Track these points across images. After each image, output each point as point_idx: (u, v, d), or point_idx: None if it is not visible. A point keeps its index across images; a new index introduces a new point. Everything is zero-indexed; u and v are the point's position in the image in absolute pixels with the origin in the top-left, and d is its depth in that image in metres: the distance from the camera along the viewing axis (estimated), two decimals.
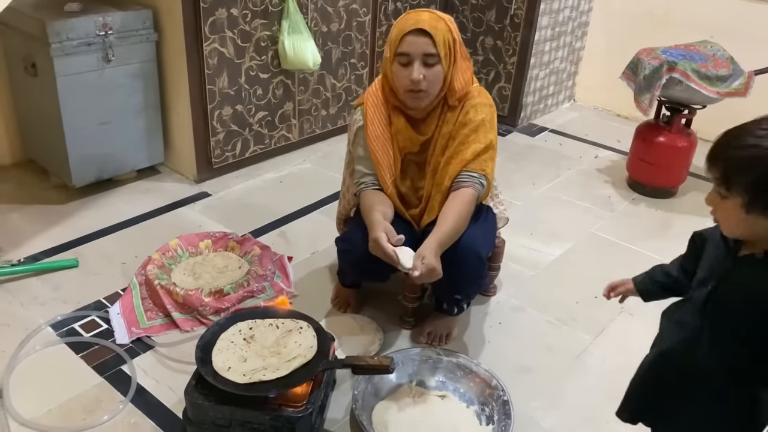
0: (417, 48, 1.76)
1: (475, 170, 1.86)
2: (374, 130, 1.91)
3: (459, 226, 1.80)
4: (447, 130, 1.89)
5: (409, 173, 1.96)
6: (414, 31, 1.76)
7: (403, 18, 1.83)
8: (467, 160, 1.86)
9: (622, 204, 3.00)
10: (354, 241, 1.88)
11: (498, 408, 1.78)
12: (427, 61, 1.77)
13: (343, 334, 2.06)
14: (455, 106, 1.88)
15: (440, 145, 1.90)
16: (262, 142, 3.08)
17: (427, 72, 1.78)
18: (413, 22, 1.77)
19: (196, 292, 2.10)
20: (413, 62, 1.77)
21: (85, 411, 1.75)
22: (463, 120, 1.87)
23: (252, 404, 1.60)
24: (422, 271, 1.65)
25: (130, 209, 2.68)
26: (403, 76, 1.79)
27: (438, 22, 1.78)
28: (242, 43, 2.79)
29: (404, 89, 1.82)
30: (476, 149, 1.86)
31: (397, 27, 1.81)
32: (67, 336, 2.00)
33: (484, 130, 1.88)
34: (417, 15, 1.79)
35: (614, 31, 3.84)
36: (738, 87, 2.73)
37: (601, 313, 2.27)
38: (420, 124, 1.91)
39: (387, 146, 1.92)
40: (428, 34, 1.75)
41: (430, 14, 1.80)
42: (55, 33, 2.38)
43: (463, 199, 1.84)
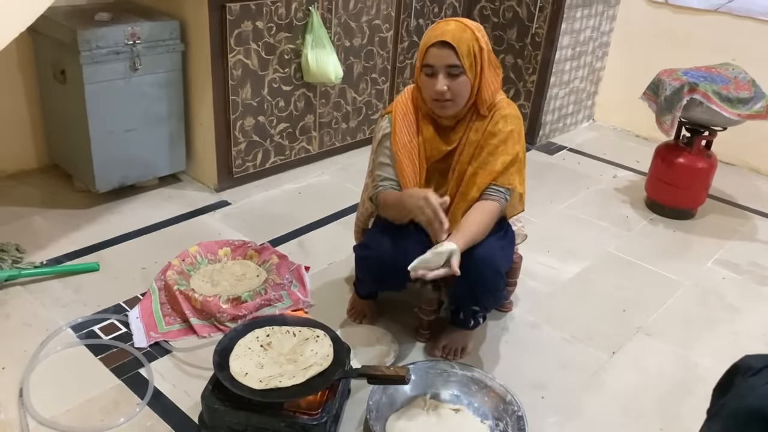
0: (440, 60, 1.79)
1: (503, 184, 1.89)
2: (402, 138, 1.93)
3: (479, 235, 1.82)
4: (475, 138, 1.90)
5: (431, 181, 1.98)
6: (437, 43, 1.78)
7: (431, 29, 1.85)
8: (497, 171, 1.87)
9: (640, 224, 2.99)
10: (373, 248, 1.90)
11: (512, 423, 1.78)
12: (451, 72, 1.79)
13: (359, 345, 2.07)
14: (485, 115, 1.90)
15: (467, 152, 1.91)
16: (283, 153, 3.11)
17: (451, 83, 1.80)
18: (438, 33, 1.80)
19: (214, 298, 2.12)
20: (438, 73, 1.80)
21: (102, 413, 1.77)
22: (493, 130, 1.89)
23: (267, 411, 1.61)
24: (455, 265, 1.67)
25: (151, 215, 2.72)
26: (429, 87, 1.83)
27: (463, 32, 1.79)
28: (266, 56, 2.83)
29: (430, 99, 1.85)
30: (505, 161, 1.88)
31: (425, 38, 1.84)
32: (86, 338, 2.02)
33: (512, 141, 1.89)
34: (444, 26, 1.81)
35: (635, 52, 3.85)
36: (759, 110, 2.72)
37: (617, 332, 2.26)
38: (448, 133, 1.93)
39: (413, 156, 1.94)
40: (451, 46, 1.77)
41: (456, 24, 1.81)
42: (85, 41, 2.43)
43: (488, 210, 1.86)
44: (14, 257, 2.33)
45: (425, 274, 1.66)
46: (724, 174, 3.53)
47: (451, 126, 1.92)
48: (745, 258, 2.77)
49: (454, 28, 1.80)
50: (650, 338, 2.25)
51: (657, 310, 2.39)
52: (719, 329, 2.32)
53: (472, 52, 1.79)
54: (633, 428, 1.87)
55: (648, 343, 2.23)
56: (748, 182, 3.51)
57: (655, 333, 2.27)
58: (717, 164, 3.00)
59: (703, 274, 2.64)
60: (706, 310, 2.42)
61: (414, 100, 1.95)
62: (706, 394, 2.02)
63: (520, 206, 2.05)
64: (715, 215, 3.11)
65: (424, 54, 1.81)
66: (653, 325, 2.32)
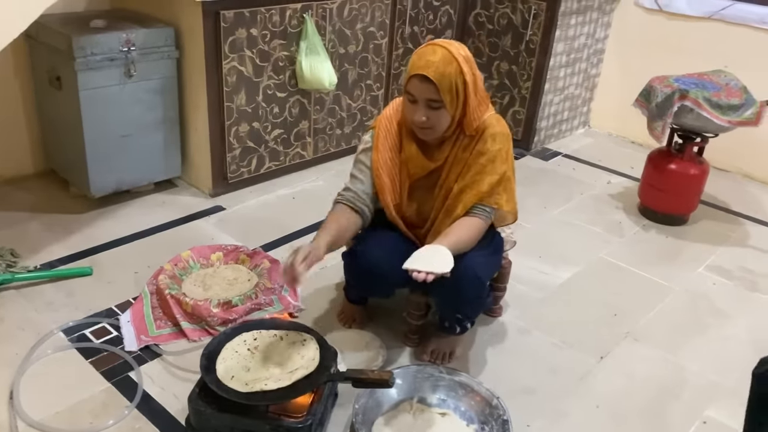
0: (421, 93, 1.78)
1: (489, 204, 1.90)
2: (383, 155, 1.94)
3: (463, 245, 1.83)
4: (463, 156, 1.91)
5: (416, 197, 1.99)
6: (420, 75, 1.76)
7: (417, 54, 1.81)
8: (483, 192, 1.89)
9: (633, 230, 3.01)
10: (360, 255, 1.92)
11: (498, 427, 1.79)
12: (431, 105, 1.79)
13: (347, 349, 2.08)
14: (472, 135, 1.90)
15: (455, 170, 1.92)
16: (278, 159, 3.13)
17: (430, 113, 1.80)
18: (422, 65, 1.75)
19: (204, 302, 2.14)
20: (418, 103, 1.80)
21: (91, 415, 1.79)
22: (481, 149, 1.89)
23: (253, 414, 1.63)
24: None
25: (145, 220, 2.74)
26: (410, 112, 1.83)
27: (448, 66, 1.75)
28: (261, 63, 2.86)
29: (411, 123, 1.86)
30: (492, 181, 1.89)
31: (410, 64, 1.80)
32: (77, 341, 2.05)
33: (500, 161, 1.90)
34: (430, 54, 1.76)
35: (630, 59, 3.86)
36: (750, 116, 2.73)
37: (606, 337, 2.27)
38: (434, 150, 1.93)
39: (394, 173, 1.95)
40: (433, 82, 1.75)
41: (443, 54, 1.76)
42: (80, 48, 2.46)
43: (473, 225, 1.88)
44: (8, 261, 2.35)
45: (425, 276, 1.66)
46: (718, 180, 3.54)
47: (437, 144, 1.92)
48: (737, 264, 2.78)
49: (440, 60, 1.75)
50: (638, 343, 2.26)
51: (646, 315, 2.41)
52: (708, 334, 2.33)
53: (454, 88, 1.77)
54: None
55: (636, 348, 2.24)
56: (741, 188, 3.52)
57: (643, 338, 2.28)
58: (709, 170, 3.01)
59: (694, 280, 2.65)
60: (695, 316, 2.43)
61: (401, 114, 1.95)
62: (693, 399, 2.05)
63: (511, 218, 2.06)
64: (707, 221, 3.12)
65: (407, 82, 1.80)
66: (642, 330, 2.33)
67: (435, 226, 1.96)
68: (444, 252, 1.71)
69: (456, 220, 1.90)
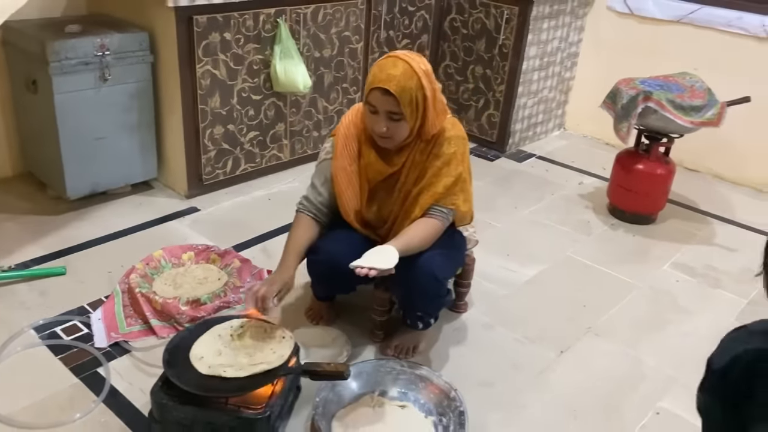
0: (382, 105, 1.83)
1: (445, 205, 1.96)
2: (341, 162, 2.00)
3: (418, 243, 1.89)
4: (420, 160, 1.97)
5: (376, 200, 2.04)
6: (381, 89, 1.81)
7: (379, 66, 1.85)
8: (439, 193, 1.95)
9: (601, 229, 3.07)
10: (321, 252, 1.97)
11: (455, 418, 1.84)
12: (392, 117, 1.84)
13: (313, 346, 2.13)
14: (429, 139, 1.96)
15: (412, 174, 1.98)
16: (254, 160, 3.19)
17: (390, 124, 1.86)
18: (384, 78, 1.80)
19: (174, 300, 2.19)
20: (379, 113, 1.85)
21: (58, 409, 1.84)
22: (437, 152, 1.95)
23: (213, 405, 1.68)
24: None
25: (121, 222, 2.79)
26: (371, 122, 1.89)
27: (409, 81, 1.80)
28: (235, 66, 2.92)
29: (371, 131, 1.92)
30: (447, 183, 1.95)
31: (371, 76, 1.84)
32: (48, 339, 2.09)
33: (455, 163, 1.96)
34: (391, 67, 1.81)
35: (603, 62, 3.93)
36: (711, 117, 2.80)
37: (568, 332, 2.33)
38: (392, 155, 1.98)
39: (353, 179, 2.01)
40: (394, 95, 1.80)
41: (404, 68, 1.80)
42: (54, 52, 2.51)
43: (429, 225, 1.94)
44: None
45: (366, 272, 1.72)
46: (688, 180, 3.61)
47: (395, 149, 1.97)
48: (701, 261, 2.85)
49: (401, 74, 1.80)
50: (599, 338, 2.32)
51: (608, 311, 2.46)
52: (668, 330, 2.39)
53: (414, 102, 1.83)
54: (573, 424, 1.94)
55: (596, 342, 2.29)
56: (710, 188, 3.59)
57: (604, 333, 2.34)
58: (675, 170, 3.08)
59: (658, 277, 2.71)
60: (656, 312, 2.49)
61: (361, 120, 2.00)
62: (648, 392, 2.10)
63: (468, 218, 2.11)
64: (675, 220, 3.19)
65: (369, 93, 1.85)
66: (603, 325, 2.39)
67: (395, 228, 2.02)
68: (390, 250, 1.77)
69: (413, 221, 1.95)
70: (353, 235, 2.03)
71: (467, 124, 3.89)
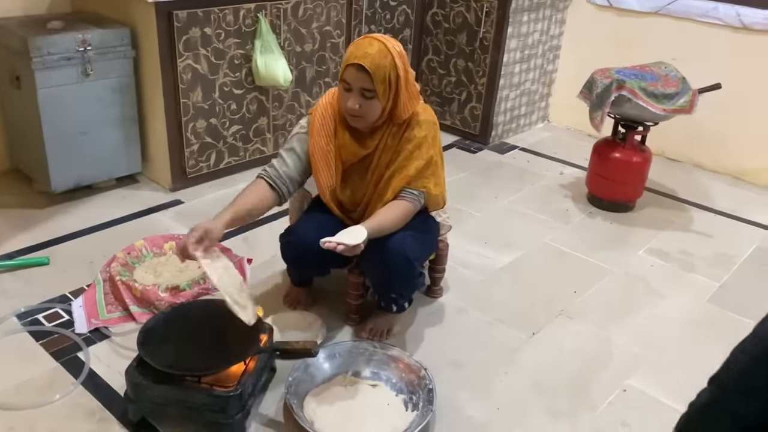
0: (356, 81, 1.88)
1: (416, 188, 2.01)
2: (319, 141, 2.04)
3: (389, 225, 1.93)
4: (392, 143, 2.02)
5: (349, 182, 2.09)
6: (356, 65, 1.86)
7: (355, 44, 1.92)
8: (410, 176, 1.99)
9: (579, 217, 3.12)
10: (293, 234, 2.03)
11: (424, 396, 1.89)
12: (365, 94, 1.89)
13: (289, 329, 2.18)
14: (401, 123, 2.01)
15: (384, 157, 2.03)
16: (237, 154, 3.24)
17: (363, 102, 1.90)
18: (360, 54, 1.85)
19: (153, 287, 2.24)
20: (352, 90, 1.90)
21: (37, 391, 1.89)
22: (408, 136, 2.01)
23: (186, 384, 1.73)
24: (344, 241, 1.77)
25: (105, 214, 2.84)
26: (344, 100, 1.93)
27: (383, 59, 1.85)
28: (216, 60, 2.97)
29: (344, 110, 1.96)
30: (418, 165, 2.00)
31: (347, 54, 1.90)
32: (30, 326, 2.14)
33: (426, 146, 2.01)
34: (367, 46, 1.86)
35: (584, 54, 3.98)
36: (683, 104, 2.85)
37: (540, 315, 2.37)
38: (365, 138, 2.03)
39: (329, 159, 2.05)
40: (368, 71, 1.85)
41: (380, 47, 1.86)
42: (36, 48, 2.56)
43: (401, 207, 1.98)
44: None
45: (334, 246, 1.77)
46: (669, 170, 3.66)
47: (369, 132, 2.02)
48: (676, 247, 2.89)
49: (376, 52, 1.85)
50: (571, 320, 2.36)
51: (582, 295, 2.51)
52: (640, 312, 2.44)
53: (387, 80, 1.88)
54: (540, 401, 1.98)
55: (568, 324, 2.34)
56: (689, 177, 3.63)
57: (576, 315, 2.39)
58: (651, 158, 3.12)
59: (633, 262, 2.76)
60: (629, 295, 2.54)
61: (336, 102, 2.05)
62: (617, 369, 2.16)
63: (441, 203, 2.16)
64: (653, 208, 3.24)
65: (343, 70, 1.90)
66: (576, 308, 2.43)
67: (368, 212, 2.07)
68: (359, 230, 1.82)
69: (386, 204, 2.00)
70: (327, 218, 2.08)
71: (450, 117, 3.95)
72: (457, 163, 3.60)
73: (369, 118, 1.95)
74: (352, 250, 1.77)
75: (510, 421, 1.90)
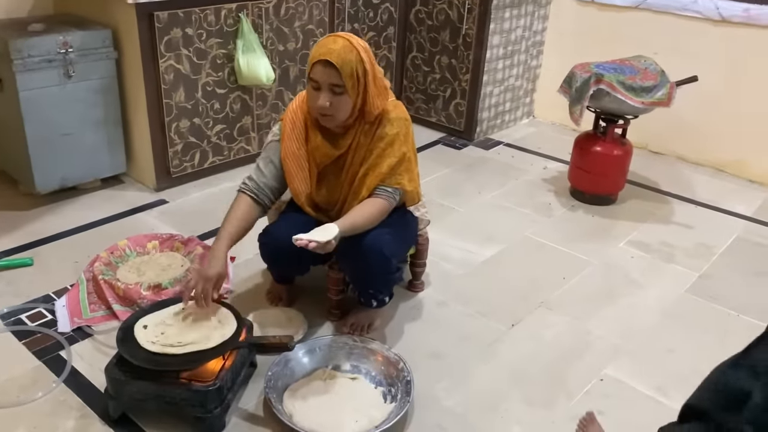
0: (324, 78, 1.89)
1: (390, 185, 2.03)
2: (290, 146, 2.06)
3: (364, 222, 1.95)
4: (365, 142, 2.03)
5: (324, 183, 2.11)
6: (323, 61, 1.88)
7: (320, 43, 1.93)
8: (384, 174, 2.01)
9: (561, 210, 3.14)
10: (269, 234, 2.05)
11: (402, 388, 1.91)
12: (334, 90, 1.90)
13: (270, 326, 2.20)
14: (372, 121, 2.03)
15: (358, 156, 2.04)
16: (221, 153, 3.26)
17: (333, 99, 1.91)
18: (324, 51, 1.87)
19: (135, 286, 2.26)
20: (321, 89, 1.91)
21: (20, 389, 1.91)
22: (380, 134, 2.02)
23: (165, 380, 1.75)
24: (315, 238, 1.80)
25: (89, 215, 2.86)
26: (314, 99, 1.94)
27: (349, 54, 1.87)
28: (198, 60, 2.99)
29: (314, 110, 1.98)
30: (391, 163, 2.02)
31: (313, 52, 1.92)
32: (13, 325, 2.16)
33: (398, 143, 2.03)
34: (332, 43, 1.88)
35: (568, 50, 4.00)
36: (661, 97, 2.88)
37: (520, 307, 2.40)
38: (338, 138, 2.04)
39: (302, 162, 2.07)
40: (335, 67, 1.87)
41: (344, 43, 1.88)
42: (17, 50, 2.58)
43: (376, 204, 2.00)
44: None
45: (306, 243, 1.79)
46: (652, 163, 3.69)
47: (341, 132, 2.04)
48: (657, 238, 2.92)
49: (341, 48, 1.87)
50: (550, 312, 2.39)
51: (562, 287, 2.54)
52: (619, 303, 2.47)
53: (355, 74, 1.89)
54: (517, 390, 2.01)
55: (547, 316, 2.37)
56: (672, 169, 3.66)
57: (555, 307, 2.42)
58: (632, 151, 3.15)
59: (613, 254, 2.79)
60: (609, 286, 2.57)
61: (306, 106, 2.06)
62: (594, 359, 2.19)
63: (416, 198, 2.18)
64: (635, 200, 3.27)
65: (311, 68, 1.92)
66: (555, 300, 2.46)
67: (344, 210, 2.09)
68: (331, 227, 1.84)
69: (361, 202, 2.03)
70: (303, 218, 2.10)
71: (435, 114, 3.97)
72: (442, 160, 3.62)
73: (340, 116, 1.96)
74: (323, 247, 1.79)
75: (486, 410, 1.93)
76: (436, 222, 2.54)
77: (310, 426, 1.77)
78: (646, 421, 1.86)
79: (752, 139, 3.51)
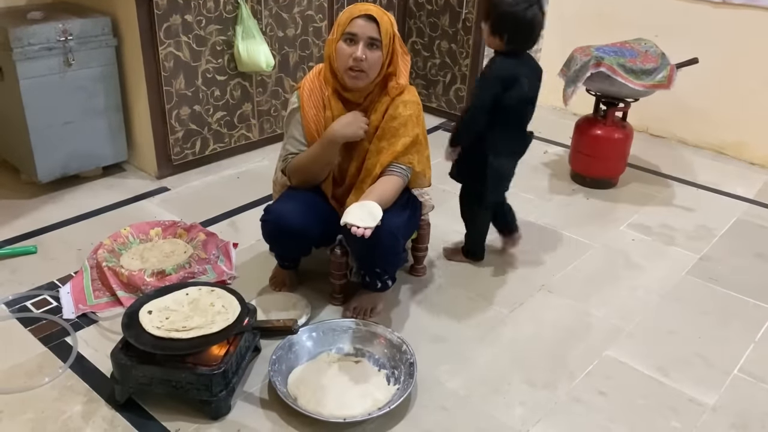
0: (364, 31, 1.95)
1: (403, 163, 2.06)
2: (310, 112, 2.10)
3: (389, 200, 1.99)
4: (376, 119, 2.07)
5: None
6: (363, 16, 1.96)
7: (352, 6, 2.02)
8: (398, 152, 2.04)
9: (562, 194, 3.15)
10: (272, 212, 2.06)
11: (405, 370, 1.93)
12: (371, 44, 1.96)
13: (274, 310, 2.22)
14: (392, 96, 2.06)
15: (369, 132, 2.07)
16: (222, 140, 3.26)
17: (369, 54, 1.96)
18: (363, 9, 1.98)
19: (139, 272, 2.27)
20: (359, 42, 1.96)
21: (27, 375, 1.92)
22: (393, 113, 2.06)
23: (170, 364, 1.77)
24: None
25: (91, 203, 2.87)
26: (347, 54, 1.97)
27: (383, 15, 1.99)
28: (198, 47, 2.98)
29: (345, 67, 1.99)
30: (405, 142, 2.05)
31: (348, 12, 2.00)
32: (18, 312, 2.17)
33: (412, 125, 2.06)
34: (367, 5, 2.00)
35: (569, 34, 3.98)
36: (661, 80, 2.88)
37: (521, 290, 2.41)
38: (356, 110, 2.07)
39: (320, 127, 2.10)
40: (375, 21, 1.95)
41: (377, 7, 2.01)
42: (16, 39, 2.58)
43: (391, 183, 2.03)
44: None
45: (363, 232, 1.82)
46: (653, 146, 3.69)
47: (359, 103, 2.07)
48: (658, 221, 2.93)
49: (376, 8, 1.99)
50: (551, 294, 2.40)
51: (563, 270, 2.55)
52: (619, 285, 2.48)
53: (389, 33, 1.98)
54: (519, 372, 2.03)
55: (548, 298, 2.38)
56: (673, 152, 3.67)
57: (556, 290, 2.43)
58: (633, 134, 3.15)
59: (614, 237, 2.80)
60: (610, 269, 2.58)
61: (323, 78, 2.10)
62: (595, 341, 2.20)
63: (426, 182, 2.20)
64: (636, 184, 3.27)
65: (348, 23, 1.96)
66: (556, 282, 2.48)
67: (356, 185, 2.11)
68: (373, 205, 1.87)
69: (374, 179, 2.05)
70: (308, 195, 2.12)
71: (436, 100, 3.97)
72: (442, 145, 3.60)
73: (371, 74, 2.00)
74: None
75: (489, 392, 1.94)
76: (437, 207, 2.53)
77: (314, 408, 1.79)
78: (648, 402, 1.89)
79: (753, 121, 3.51)
